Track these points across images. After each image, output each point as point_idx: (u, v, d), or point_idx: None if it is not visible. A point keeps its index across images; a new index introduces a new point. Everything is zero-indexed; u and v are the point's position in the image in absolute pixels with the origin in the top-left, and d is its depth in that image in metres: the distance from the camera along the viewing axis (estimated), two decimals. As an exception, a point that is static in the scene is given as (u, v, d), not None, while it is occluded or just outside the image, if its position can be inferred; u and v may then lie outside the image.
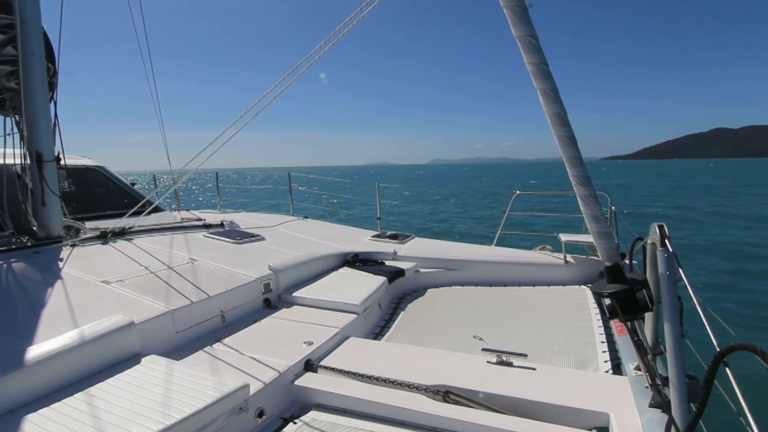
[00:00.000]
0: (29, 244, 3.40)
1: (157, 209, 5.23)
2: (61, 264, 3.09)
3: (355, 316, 3.10)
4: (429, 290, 4.32)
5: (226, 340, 2.67)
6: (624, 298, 1.91)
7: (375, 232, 5.54)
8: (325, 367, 2.44)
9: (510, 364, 2.43)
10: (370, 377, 2.32)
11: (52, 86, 3.79)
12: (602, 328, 3.14)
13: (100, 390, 1.91)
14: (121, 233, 3.87)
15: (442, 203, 27.79)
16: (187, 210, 6.23)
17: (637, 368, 2.23)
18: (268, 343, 2.63)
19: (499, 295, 4.06)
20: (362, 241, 5.14)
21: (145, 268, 3.15)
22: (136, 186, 5.74)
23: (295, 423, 2.10)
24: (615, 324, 3.03)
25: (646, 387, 2.04)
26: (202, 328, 2.77)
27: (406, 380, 2.26)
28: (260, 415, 2.11)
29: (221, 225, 4.85)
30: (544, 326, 3.27)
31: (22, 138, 3.56)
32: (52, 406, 1.79)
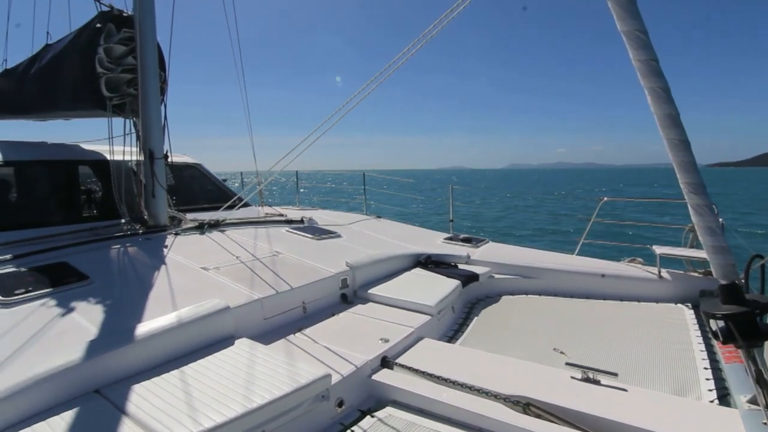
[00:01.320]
0: (141, 231, 3.85)
1: (245, 204, 5.65)
2: (165, 250, 3.47)
3: (429, 317, 3.12)
4: (504, 297, 4.20)
5: (307, 331, 2.82)
6: (743, 321, 1.71)
7: (447, 235, 5.50)
8: (401, 365, 2.49)
9: (597, 382, 2.29)
10: (446, 380, 2.32)
11: (162, 92, 4.27)
12: (705, 352, 2.85)
13: (199, 366, 2.13)
14: (216, 225, 4.24)
15: (517, 208, 26.81)
16: (269, 206, 6.66)
17: (753, 401, 2.01)
18: (346, 337, 2.74)
19: (581, 308, 3.84)
20: (435, 242, 5.14)
21: (237, 257, 3.43)
22: (226, 182, 6.25)
23: (372, 416, 2.17)
24: (725, 350, 2.73)
25: (765, 423, 1.82)
26: (286, 317, 2.95)
27: (484, 387, 2.23)
28: (340, 404, 2.20)
29: (301, 221, 5.11)
30: (635, 345, 3.03)
31: (138, 138, 4.05)
32: (154, 379, 2.01)
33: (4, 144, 4.17)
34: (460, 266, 4.37)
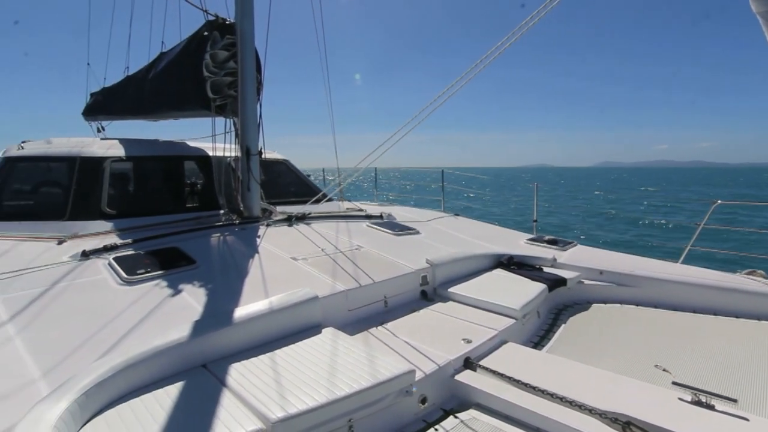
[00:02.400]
0: (237, 222, 4.17)
1: (328, 199, 5.88)
2: (258, 240, 3.73)
3: (513, 321, 3.02)
4: (594, 305, 3.92)
5: (389, 325, 2.87)
6: None
7: (531, 236, 5.26)
8: (485, 368, 2.44)
9: (712, 407, 2.05)
10: (534, 387, 2.23)
11: (258, 93, 4.57)
12: None
13: (291, 351, 2.26)
14: (302, 218, 4.46)
15: (609, 208, 24.88)
16: (349, 201, 6.86)
17: None
18: (427, 334, 2.74)
19: (687, 323, 3.46)
20: (517, 243, 4.94)
21: (322, 249, 3.59)
22: (311, 178, 6.54)
23: (456, 417, 2.15)
24: None
25: None
26: (369, 310, 3.03)
27: (576, 399, 2.11)
28: (423, 401, 2.22)
29: (380, 216, 5.19)
30: (756, 369, 2.67)
31: (237, 135, 4.38)
32: (252, 359, 2.17)
33: (125, 141, 4.75)
34: (545, 269, 4.16)
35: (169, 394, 1.89)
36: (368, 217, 5.12)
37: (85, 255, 3.09)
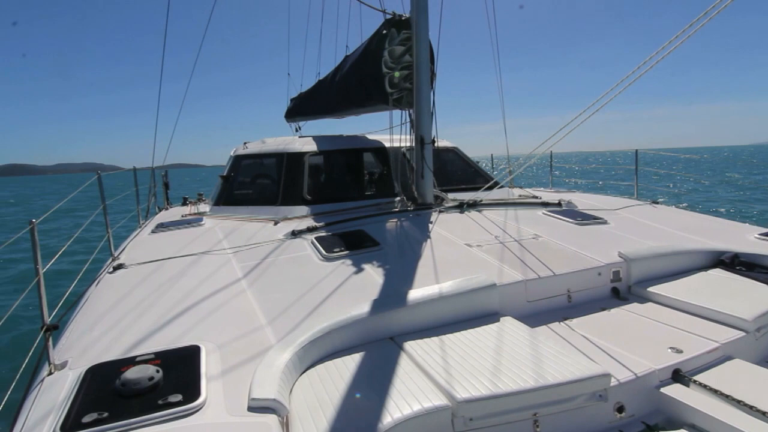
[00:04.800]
0: (411, 208, 4.41)
1: (499, 186, 5.73)
2: (432, 226, 3.87)
3: (742, 334, 2.48)
4: None
5: (574, 322, 2.68)
6: None
7: (764, 230, 4.19)
8: (701, 384, 2.08)
9: None
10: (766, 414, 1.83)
11: (431, 83, 4.71)
12: None
13: (469, 335, 2.31)
14: (474, 205, 4.46)
15: None
16: (520, 187, 6.54)
17: None
18: (623, 337, 2.47)
19: None
20: (743, 238, 3.99)
21: (496, 237, 3.53)
22: (479, 165, 6.46)
23: None
24: None
25: None
26: (550, 303, 2.88)
27: None
28: (619, 410, 2.02)
29: (558, 204, 4.84)
30: None
31: (412, 126, 4.61)
32: (433, 338, 2.28)
33: (317, 138, 5.44)
34: None
35: (364, 359, 2.13)
36: (545, 204, 4.83)
37: (294, 234, 3.69)
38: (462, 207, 4.41)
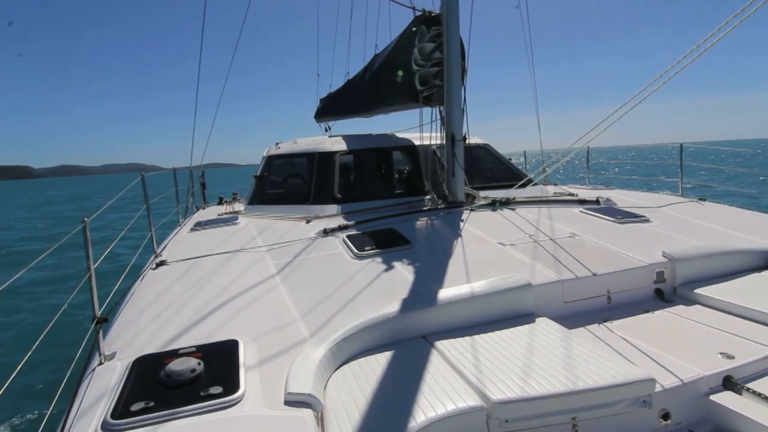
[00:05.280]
0: (442, 206, 4.39)
1: (533, 184, 5.61)
2: (464, 224, 3.84)
3: None
4: None
5: (614, 324, 2.60)
6: None
7: None
8: (756, 393, 1.97)
9: None
10: None
11: (462, 80, 4.66)
12: None
13: (503, 335, 2.28)
14: (506, 203, 4.40)
15: None
16: (555, 185, 6.38)
17: None
18: (668, 341, 2.37)
19: None
20: None
21: (530, 236, 3.47)
22: (511, 161, 6.34)
23: None
24: None
25: None
26: (588, 304, 2.80)
27: None
28: (665, 417, 1.95)
29: (597, 202, 4.70)
30: None
31: (442, 124, 4.58)
32: (466, 337, 2.26)
33: (346, 137, 5.48)
34: None
35: (397, 357, 2.14)
36: (581, 201, 4.70)
37: (326, 232, 3.74)
38: (494, 205, 4.35)
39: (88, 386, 1.88)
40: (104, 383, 1.86)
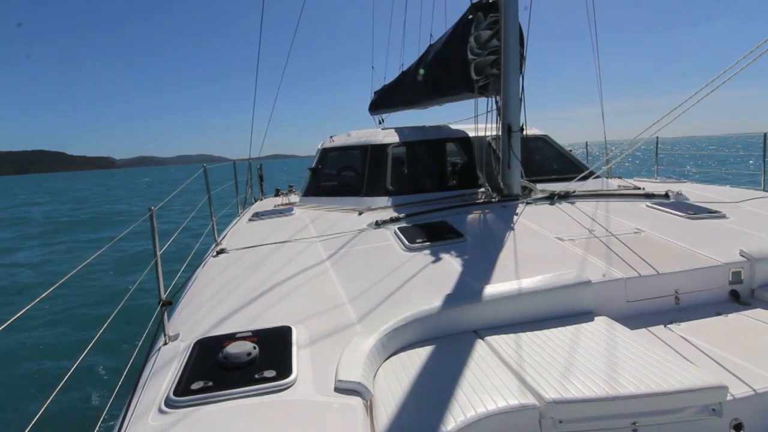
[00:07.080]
0: (496, 199, 4.25)
1: (595, 176, 5.29)
2: (518, 218, 3.70)
3: None
4: None
5: (682, 326, 2.40)
6: None
7: None
8: None
9: None
10: None
11: (520, 68, 4.46)
12: None
13: (560, 333, 2.17)
14: (566, 196, 4.17)
15: None
16: (620, 177, 5.99)
17: None
18: (743, 347, 2.17)
19: None
20: None
21: (590, 231, 3.27)
22: (572, 153, 6.02)
23: None
24: None
25: None
26: (653, 304, 2.61)
27: None
28: (737, 427, 1.78)
29: (666, 196, 4.34)
30: None
31: (499, 114, 4.42)
32: (520, 334, 2.17)
33: (399, 129, 5.45)
34: None
35: (447, 350, 2.10)
36: (648, 195, 4.37)
37: (378, 224, 3.75)
38: (552, 198, 4.14)
39: (154, 365, 2.01)
40: (168, 362, 1.98)
